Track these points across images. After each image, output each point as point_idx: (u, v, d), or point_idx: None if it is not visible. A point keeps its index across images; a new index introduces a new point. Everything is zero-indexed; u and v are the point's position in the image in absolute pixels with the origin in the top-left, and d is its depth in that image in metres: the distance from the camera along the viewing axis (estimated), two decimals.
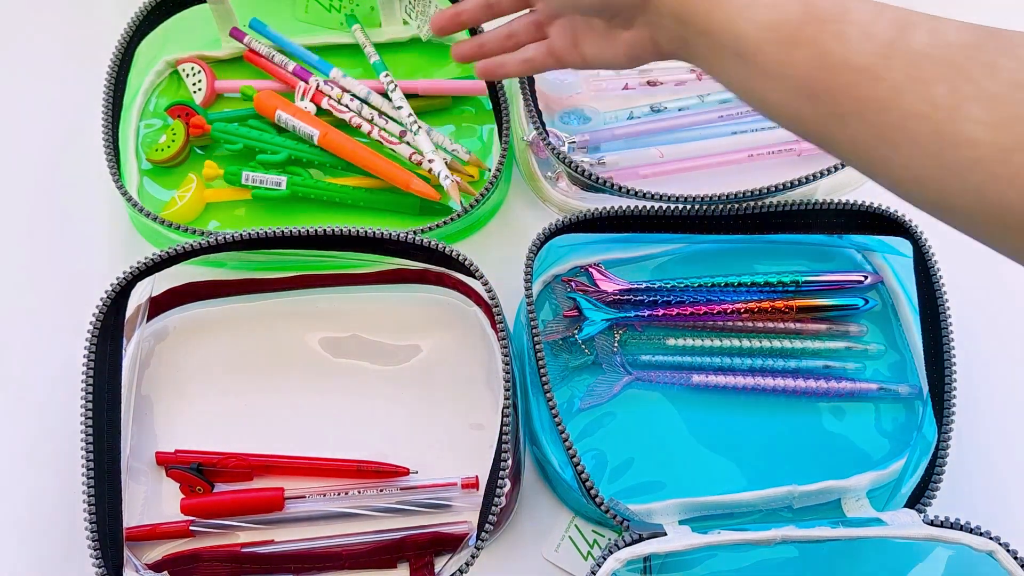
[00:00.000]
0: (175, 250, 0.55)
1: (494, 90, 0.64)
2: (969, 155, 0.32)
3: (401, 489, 0.55)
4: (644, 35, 0.43)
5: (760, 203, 0.58)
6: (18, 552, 0.55)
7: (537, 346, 0.53)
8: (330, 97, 0.66)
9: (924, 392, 0.56)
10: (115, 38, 0.64)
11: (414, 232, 0.56)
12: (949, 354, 0.54)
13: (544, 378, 0.52)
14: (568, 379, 0.59)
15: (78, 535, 0.50)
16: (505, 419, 0.50)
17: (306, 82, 0.66)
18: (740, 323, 0.59)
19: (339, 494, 0.55)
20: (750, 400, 0.58)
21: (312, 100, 0.65)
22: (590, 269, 0.60)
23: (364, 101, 0.66)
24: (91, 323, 0.53)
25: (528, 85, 0.62)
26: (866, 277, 0.61)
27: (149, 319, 0.59)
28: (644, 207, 0.58)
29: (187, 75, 0.68)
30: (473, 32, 0.57)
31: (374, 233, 0.55)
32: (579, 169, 0.60)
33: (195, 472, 0.54)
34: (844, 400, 0.58)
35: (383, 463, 0.55)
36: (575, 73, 0.67)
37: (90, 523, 0.49)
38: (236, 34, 0.68)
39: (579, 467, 0.50)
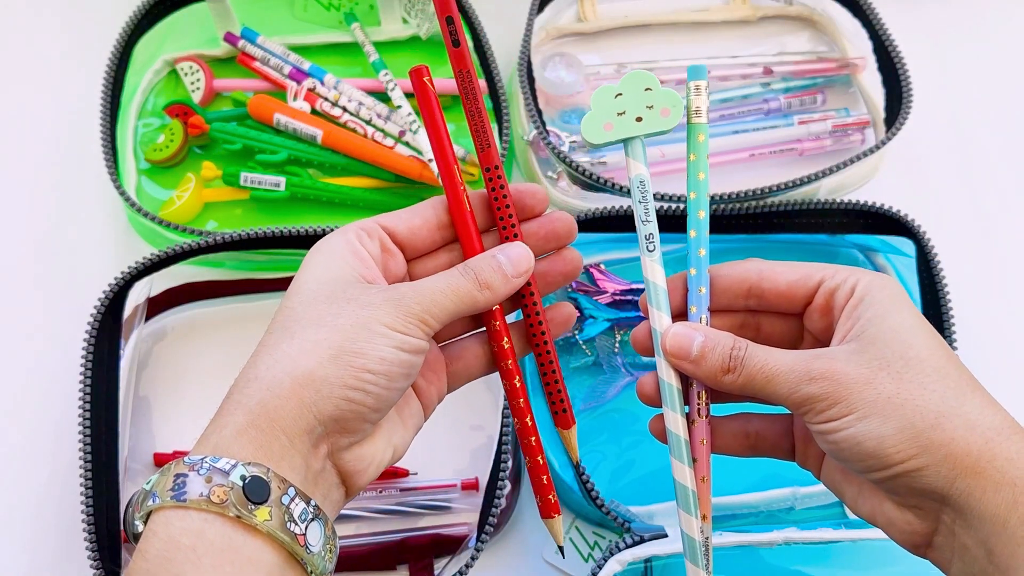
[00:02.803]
0: (173, 250, 0.55)
1: (494, 90, 0.64)
2: None
3: (401, 491, 0.55)
4: (924, 530, 0.35)
5: (762, 203, 0.58)
6: (16, 552, 0.54)
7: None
8: (325, 99, 0.65)
9: None
10: (113, 37, 0.64)
11: None
12: None
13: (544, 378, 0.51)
14: (568, 379, 0.58)
15: (76, 535, 0.50)
16: (505, 419, 0.50)
17: (299, 83, 0.66)
18: None
19: None
20: None
21: (305, 100, 0.65)
22: (590, 269, 0.60)
23: (354, 114, 0.65)
24: (89, 323, 0.53)
25: (528, 84, 0.62)
26: None
27: (147, 319, 0.59)
28: None
29: (185, 74, 0.68)
30: None
31: None
32: (579, 169, 0.59)
33: None
34: None
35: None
36: (575, 72, 0.67)
37: (87, 524, 0.49)
38: (230, 39, 0.68)
39: (580, 468, 0.50)
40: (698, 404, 0.39)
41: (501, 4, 0.68)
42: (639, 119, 0.39)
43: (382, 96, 0.67)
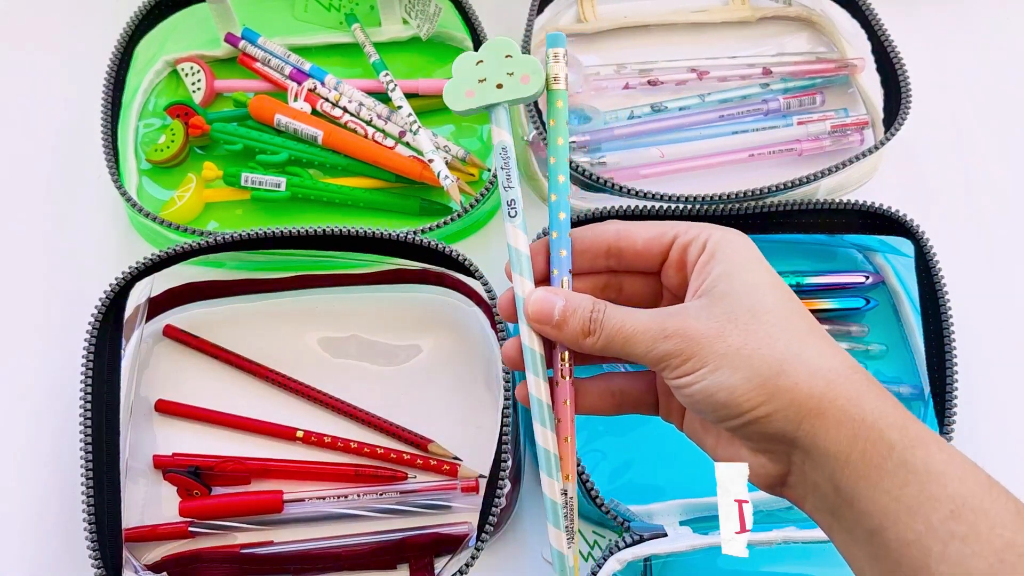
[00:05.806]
0: (174, 250, 0.55)
1: None
2: None
3: (401, 492, 0.55)
4: (778, 472, 0.36)
5: (761, 203, 0.58)
6: (17, 552, 0.54)
7: None
8: (326, 100, 0.66)
9: (926, 393, 0.56)
10: (114, 37, 0.64)
11: (414, 232, 0.56)
12: (951, 354, 0.54)
13: None
14: None
15: (77, 535, 0.50)
16: (505, 419, 0.50)
17: (299, 84, 0.66)
18: None
19: (338, 497, 0.55)
20: None
21: (306, 101, 0.65)
22: None
23: (354, 115, 0.65)
24: (90, 323, 0.53)
25: None
26: (868, 277, 0.60)
27: (148, 319, 0.59)
28: (645, 207, 0.58)
29: (186, 75, 0.68)
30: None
31: (374, 233, 0.55)
32: (579, 169, 0.59)
33: (192, 476, 0.54)
34: None
35: (380, 467, 0.55)
36: (575, 73, 0.67)
37: (89, 523, 0.49)
38: (231, 40, 0.68)
39: (579, 467, 0.50)
40: (561, 366, 0.39)
41: (501, 4, 0.69)
42: (500, 86, 0.40)
43: (382, 97, 0.67)
